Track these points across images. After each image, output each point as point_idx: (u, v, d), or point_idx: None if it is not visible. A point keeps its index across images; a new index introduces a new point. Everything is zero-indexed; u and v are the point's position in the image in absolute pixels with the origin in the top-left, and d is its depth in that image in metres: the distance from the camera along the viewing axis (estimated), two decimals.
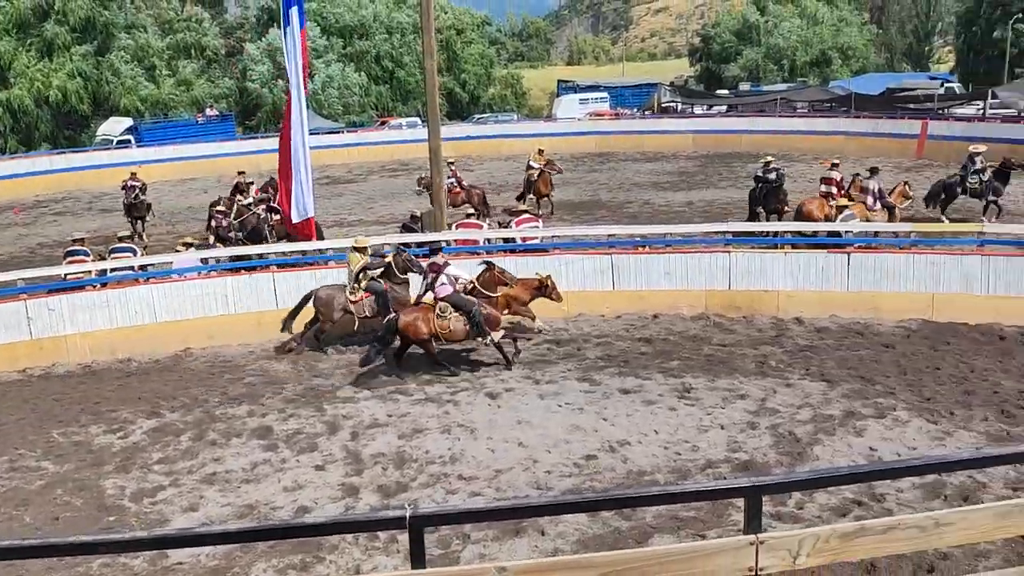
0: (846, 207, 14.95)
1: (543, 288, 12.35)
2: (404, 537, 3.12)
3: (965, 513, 3.24)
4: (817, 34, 59.64)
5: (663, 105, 42.81)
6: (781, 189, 18.48)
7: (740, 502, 3.29)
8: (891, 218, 16.17)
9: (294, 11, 15.18)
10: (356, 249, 13.15)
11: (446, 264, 11.93)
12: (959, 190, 18.30)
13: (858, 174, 17.28)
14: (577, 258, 14.23)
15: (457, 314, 11.60)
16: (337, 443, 9.77)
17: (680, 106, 42.75)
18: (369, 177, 32.58)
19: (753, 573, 3.06)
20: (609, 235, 15.37)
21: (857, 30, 62.63)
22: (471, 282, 12.17)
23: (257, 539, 5.34)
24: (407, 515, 2.92)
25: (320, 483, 8.83)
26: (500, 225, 16.52)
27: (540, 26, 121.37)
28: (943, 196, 18.45)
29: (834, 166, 17.19)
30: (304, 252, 15.18)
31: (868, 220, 15.48)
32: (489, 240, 15.41)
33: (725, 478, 8.21)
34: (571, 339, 13.06)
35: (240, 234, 17.42)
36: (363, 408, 10.78)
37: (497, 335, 11.80)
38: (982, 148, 18.61)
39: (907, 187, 17.32)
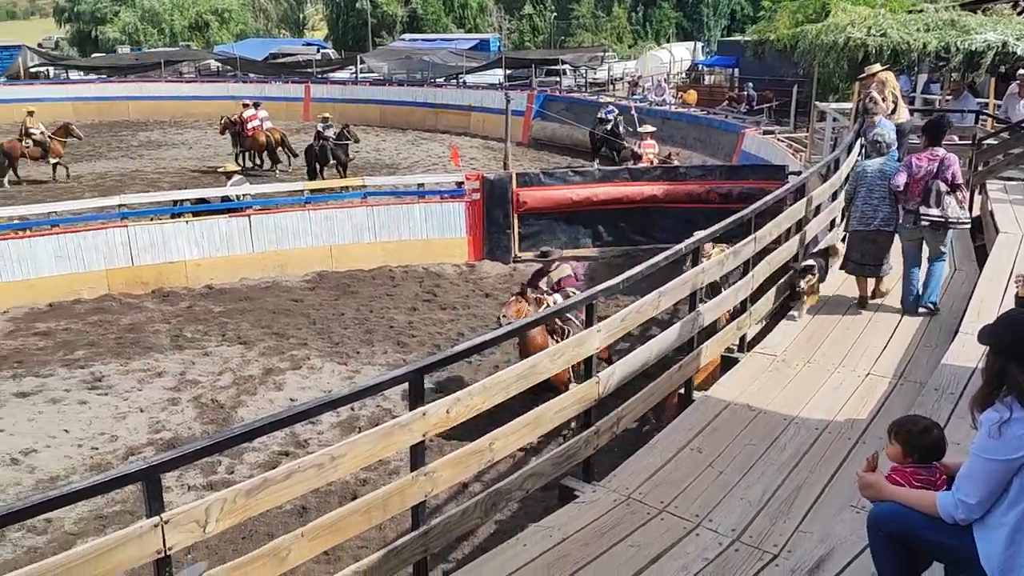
0: (235, 173, 15.14)
1: None
2: None
3: (352, 444, 3.55)
4: None
5: (31, 71, 38.08)
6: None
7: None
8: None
9: None
10: None
11: None
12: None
13: None
14: None
15: None
16: None
17: (52, 72, 38.60)
18: None
19: (163, 554, 2.96)
20: None
21: None
22: None
23: None
24: None
25: None
26: None
27: None
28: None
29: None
30: None
31: None
32: None
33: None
34: None
35: None
36: None
37: None
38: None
39: None
